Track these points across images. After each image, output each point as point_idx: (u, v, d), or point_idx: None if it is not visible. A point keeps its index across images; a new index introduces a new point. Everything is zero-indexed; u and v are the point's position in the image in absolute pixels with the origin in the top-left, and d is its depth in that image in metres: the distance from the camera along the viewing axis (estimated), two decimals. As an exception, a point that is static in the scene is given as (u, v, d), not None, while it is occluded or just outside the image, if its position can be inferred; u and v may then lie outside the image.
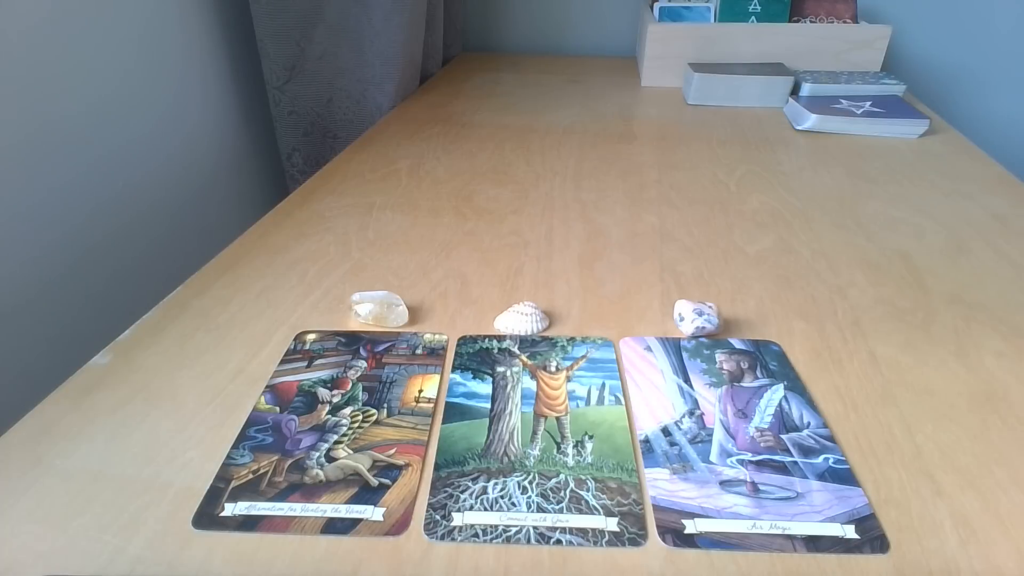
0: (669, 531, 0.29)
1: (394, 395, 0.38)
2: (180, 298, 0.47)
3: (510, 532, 0.29)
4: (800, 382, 0.38)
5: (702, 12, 1.02)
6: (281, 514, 0.30)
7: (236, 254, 0.52)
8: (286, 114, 0.86)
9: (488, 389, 0.38)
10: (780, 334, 0.42)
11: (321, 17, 0.82)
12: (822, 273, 0.49)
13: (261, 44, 0.81)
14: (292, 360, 0.40)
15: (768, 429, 0.35)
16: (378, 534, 0.29)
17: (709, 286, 0.48)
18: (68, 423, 0.35)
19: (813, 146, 0.75)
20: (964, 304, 0.45)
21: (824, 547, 0.28)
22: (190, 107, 0.74)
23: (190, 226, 0.75)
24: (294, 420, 0.36)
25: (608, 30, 1.24)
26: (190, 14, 0.73)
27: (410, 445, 0.34)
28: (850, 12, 1.00)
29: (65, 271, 0.58)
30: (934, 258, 0.51)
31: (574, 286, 0.48)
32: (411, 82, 0.97)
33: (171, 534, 0.29)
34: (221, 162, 0.81)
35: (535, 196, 0.63)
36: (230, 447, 0.34)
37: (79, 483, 0.32)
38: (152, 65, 0.67)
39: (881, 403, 0.36)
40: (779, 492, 0.31)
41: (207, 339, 0.42)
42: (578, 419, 0.36)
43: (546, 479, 0.32)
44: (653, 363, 0.40)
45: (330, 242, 0.54)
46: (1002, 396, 0.37)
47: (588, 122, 0.85)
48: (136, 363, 0.40)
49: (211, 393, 0.38)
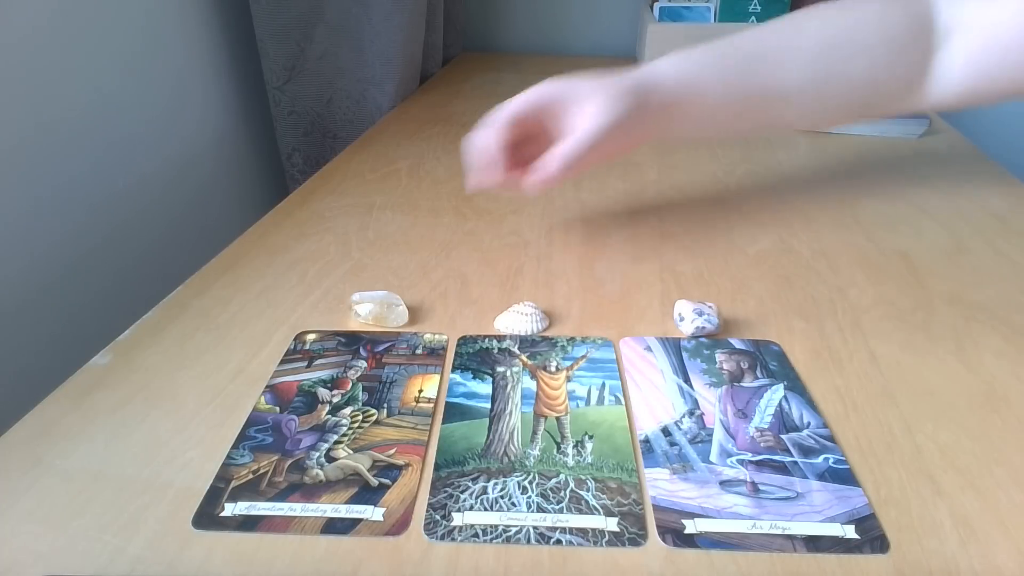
0: (669, 531, 0.29)
1: (394, 395, 0.38)
2: (180, 298, 0.47)
3: (510, 532, 0.29)
4: (800, 382, 0.38)
5: (702, 12, 1.02)
6: (281, 514, 0.30)
7: (236, 254, 0.52)
8: (286, 114, 0.86)
9: (488, 389, 0.38)
10: (780, 334, 0.42)
11: (321, 17, 0.82)
12: (822, 273, 0.49)
13: (261, 44, 0.81)
14: (292, 360, 0.40)
15: (768, 429, 0.35)
16: (378, 534, 0.29)
17: (709, 286, 0.48)
18: (68, 423, 0.35)
19: (813, 146, 0.75)
20: (964, 304, 0.45)
21: (824, 547, 0.28)
22: (190, 107, 0.74)
23: (190, 226, 0.74)
24: (294, 420, 0.36)
25: (608, 30, 1.24)
26: (190, 14, 0.73)
27: (410, 445, 0.34)
28: (850, 12, 1.00)
29: (65, 271, 0.58)
30: (934, 258, 0.51)
31: (574, 286, 0.48)
32: (411, 82, 0.97)
33: (171, 534, 0.29)
34: (221, 162, 0.81)
35: (535, 196, 0.63)
36: (230, 447, 0.34)
37: (79, 483, 0.32)
38: (152, 65, 0.67)
39: (881, 403, 0.36)
40: (779, 492, 0.31)
41: (207, 339, 0.42)
42: (578, 419, 0.36)
43: (546, 479, 0.32)
44: (653, 363, 0.40)
45: (330, 242, 0.54)
46: (1002, 396, 0.37)
47: (588, 122, 0.85)
48: (136, 363, 0.40)
49: (211, 393, 0.38)
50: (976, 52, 0.47)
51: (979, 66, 0.48)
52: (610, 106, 0.45)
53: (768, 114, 0.51)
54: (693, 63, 0.49)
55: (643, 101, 0.47)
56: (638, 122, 0.47)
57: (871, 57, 0.49)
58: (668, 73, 0.48)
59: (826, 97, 0.50)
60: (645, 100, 0.47)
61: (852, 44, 0.49)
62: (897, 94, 0.50)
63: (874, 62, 0.49)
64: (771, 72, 0.49)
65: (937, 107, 0.51)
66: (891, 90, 0.50)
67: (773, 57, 0.49)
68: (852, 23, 0.49)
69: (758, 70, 0.49)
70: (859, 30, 0.49)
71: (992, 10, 0.46)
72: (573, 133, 0.45)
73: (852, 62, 0.49)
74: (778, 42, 0.50)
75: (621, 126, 0.46)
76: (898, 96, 0.51)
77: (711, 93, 0.49)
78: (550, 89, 0.47)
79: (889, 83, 0.50)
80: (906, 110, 0.52)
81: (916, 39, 0.49)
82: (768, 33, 0.50)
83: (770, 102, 0.50)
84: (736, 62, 0.49)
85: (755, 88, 0.49)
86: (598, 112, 0.45)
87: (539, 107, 0.47)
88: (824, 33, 0.49)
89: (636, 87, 0.47)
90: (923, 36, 0.49)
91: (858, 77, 0.49)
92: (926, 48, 0.49)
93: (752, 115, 0.51)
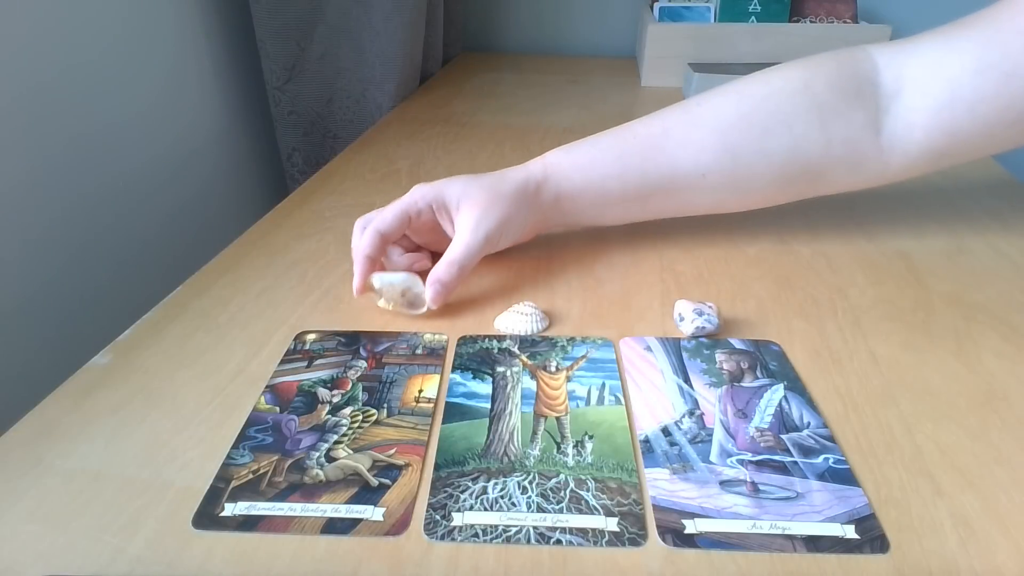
0: (669, 531, 0.29)
1: (394, 395, 0.38)
2: (180, 298, 0.47)
3: (510, 532, 0.29)
4: (800, 382, 0.38)
5: (702, 12, 1.02)
6: (281, 514, 0.30)
7: (236, 254, 0.52)
8: (286, 114, 0.86)
9: (488, 389, 0.38)
10: (780, 334, 0.42)
11: (321, 17, 0.82)
12: (822, 273, 0.49)
13: (261, 44, 0.81)
14: (292, 360, 0.40)
15: (768, 429, 0.35)
16: (378, 534, 0.29)
17: (709, 286, 0.48)
18: (68, 423, 0.35)
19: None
20: (964, 304, 0.45)
21: (824, 547, 0.28)
22: (190, 107, 0.74)
23: (190, 226, 0.75)
24: (294, 420, 0.36)
25: (608, 30, 1.25)
26: (190, 14, 0.73)
27: (410, 445, 0.34)
28: (850, 12, 1.00)
29: (65, 271, 0.58)
30: (934, 258, 0.51)
31: (574, 286, 0.48)
32: (411, 82, 0.97)
33: (171, 534, 0.29)
34: (221, 162, 0.81)
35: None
36: (230, 447, 0.34)
37: (79, 483, 0.32)
38: (152, 65, 0.67)
39: (881, 403, 0.36)
40: (779, 492, 0.31)
41: (207, 339, 0.42)
42: (578, 419, 0.36)
43: (546, 479, 0.32)
44: (653, 363, 0.40)
45: (330, 242, 0.54)
46: (1002, 396, 0.37)
47: (588, 122, 0.85)
48: (136, 363, 0.40)
49: (211, 393, 0.38)
50: (939, 110, 0.44)
51: (946, 124, 0.44)
52: (483, 217, 0.45)
53: (677, 199, 0.49)
54: (585, 153, 0.48)
55: (529, 200, 0.47)
56: (527, 218, 0.47)
57: (791, 129, 0.46)
58: (561, 165, 0.48)
59: (742, 178, 0.48)
60: (534, 198, 0.47)
61: (767, 117, 0.46)
62: (845, 162, 0.47)
63: (796, 134, 0.46)
64: (671, 156, 0.47)
65: (903, 172, 0.48)
66: (833, 161, 0.47)
67: (675, 140, 0.47)
68: (767, 94, 0.47)
69: (655, 156, 0.47)
70: (775, 100, 0.46)
71: (946, 67, 0.44)
72: (455, 243, 0.45)
73: (768, 136, 0.46)
74: (680, 124, 0.48)
75: (503, 230, 0.46)
76: (849, 164, 0.47)
77: (606, 182, 0.48)
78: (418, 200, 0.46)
79: (827, 154, 0.46)
80: (870, 180, 0.48)
81: (854, 101, 0.45)
82: (674, 115, 0.48)
83: (675, 186, 0.48)
84: (632, 147, 0.48)
85: (654, 174, 0.47)
86: (473, 225, 0.44)
87: (409, 219, 0.46)
88: (735, 109, 0.47)
89: (517, 189, 0.46)
90: (863, 97, 0.45)
91: (778, 153, 0.46)
92: (871, 109, 0.45)
93: (658, 201, 0.50)
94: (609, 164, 0.48)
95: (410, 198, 0.46)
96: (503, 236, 0.46)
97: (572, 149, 0.49)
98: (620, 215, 0.52)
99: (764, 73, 0.48)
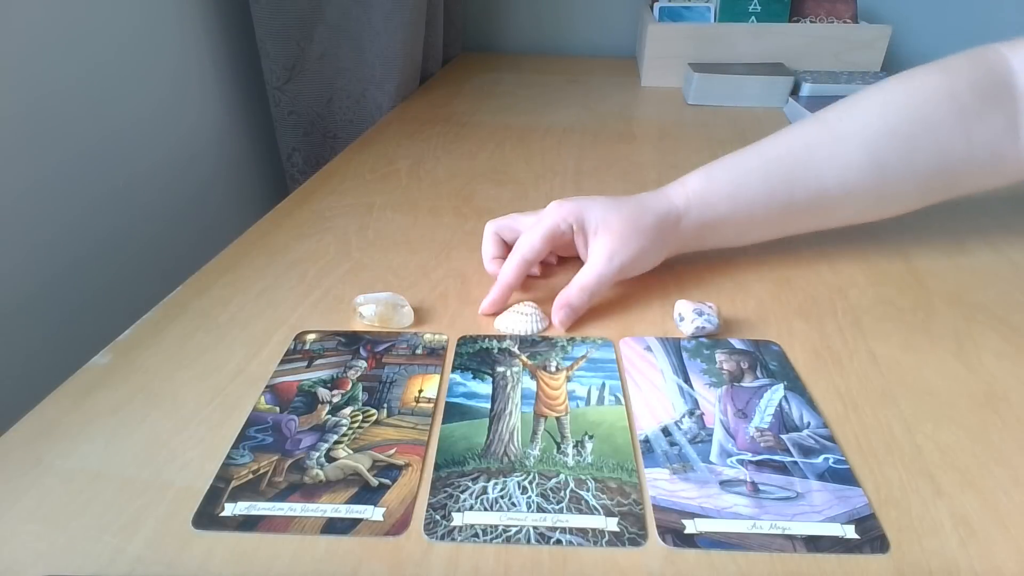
0: (669, 531, 0.29)
1: (394, 395, 0.38)
2: (180, 298, 0.47)
3: (510, 532, 0.29)
4: (800, 382, 0.38)
5: (702, 12, 1.02)
6: (281, 514, 0.30)
7: (236, 254, 0.52)
8: (286, 114, 0.86)
9: (488, 389, 0.38)
10: (780, 334, 0.42)
11: (321, 17, 0.82)
12: (822, 273, 0.49)
13: (261, 44, 0.81)
14: (292, 360, 0.40)
15: (768, 429, 0.35)
16: (378, 534, 0.29)
17: (709, 286, 0.48)
18: (68, 423, 0.35)
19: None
20: (964, 304, 0.45)
21: (824, 547, 0.28)
22: (190, 107, 0.74)
23: (190, 226, 0.74)
24: (294, 420, 0.36)
25: (608, 30, 1.24)
26: (190, 14, 0.73)
27: (410, 445, 0.34)
28: (850, 12, 1.00)
29: (65, 270, 0.58)
30: (934, 258, 0.51)
31: (574, 286, 0.48)
32: (411, 82, 0.97)
33: (171, 534, 0.29)
34: (221, 162, 0.81)
35: (535, 196, 0.63)
36: (230, 447, 0.34)
37: (79, 483, 0.32)
38: (152, 65, 0.67)
39: (881, 403, 0.36)
40: (779, 492, 0.31)
41: (207, 339, 0.42)
42: (578, 419, 0.36)
43: (546, 479, 0.32)
44: (653, 363, 0.40)
45: (330, 242, 0.54)
46: (1002, 396, 0.37)
47: (588, 122, 0.85)
48: (136, 363, 0.40)
49: (211, 393, 0.38)
50: None
51: None
52: (621, 248, 0.44)
53: (820, 216, 0.48)
54: (730, 180, 0.47)
55: (667, 233, 0.45)
56: (662, 250, 0.46)
57: (937, 137, 0.45)
58: (704, 194, 0.46)
59: (888, 190, 0.47)
60: (672, 230, 0.46)
61: (913, 127, 0.45)
62: (985, 166, 0.46)
63: (942, 141, 0.45)
64: (818, 175, 0.46)
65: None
66: (974, 166, 0.46)
67: (820, 157, 0.46)
68: (911, 103, 0.45)
69: (802, 176, 0.46)
70: (920, 109, 0.45)
71: None
72: (588, 269, 0.44)
73: (915, 147, 0.45)
74: (824, 140, 0.46)
75: (636, 263, 0.45)
76: (989, 168, 0.46)
77: (752, 208, 0.46)
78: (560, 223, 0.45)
79: (970, 159, 0.45)
80: (1007, 181, 0.47)
81: (994, 105, 0.44)
82: (814, 130, 0.47)
83: (821, 205, 0.47)
84: (777, 169, 0.46)
85: (801, 195, 0.46)
86: (608, 255, 0.44)
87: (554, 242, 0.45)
88: (880, 121, 0.45)
89: (658, 222, 0.45)
90: (1001, 100, 0.44)
91: (924, 162, 0.45)
92: (1010, 111, 0.44)
93: (800, 220, 0.48)
94: (755, 188, 0.46)
95: (551, 220, 0.44)
96: (635, 267, 0.45)
97: (714, 174, 0.47)
98: (757, 237, 0.50)
99: (900, 80, 0.47)
